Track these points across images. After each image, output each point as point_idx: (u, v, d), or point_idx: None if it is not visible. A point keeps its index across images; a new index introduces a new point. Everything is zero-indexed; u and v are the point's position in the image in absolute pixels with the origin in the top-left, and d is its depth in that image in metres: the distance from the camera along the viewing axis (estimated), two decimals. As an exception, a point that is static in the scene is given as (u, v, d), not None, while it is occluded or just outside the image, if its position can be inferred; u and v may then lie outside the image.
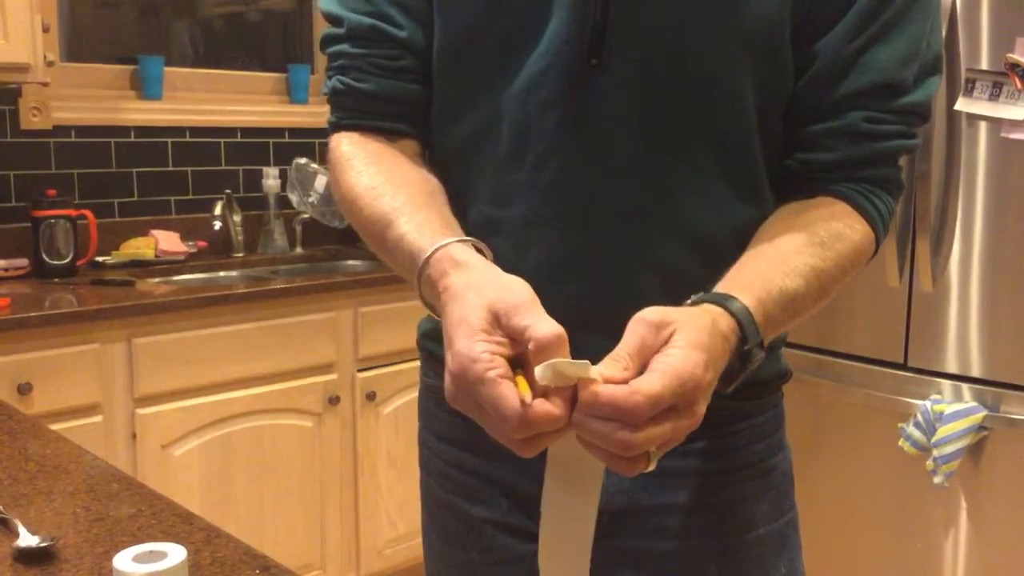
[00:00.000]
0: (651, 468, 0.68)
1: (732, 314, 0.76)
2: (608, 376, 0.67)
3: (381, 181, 0.90)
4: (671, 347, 0.69)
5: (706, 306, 0.77)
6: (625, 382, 0.67)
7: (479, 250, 0.80)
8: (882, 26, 0.87)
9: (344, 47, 0.96)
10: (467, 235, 0.91)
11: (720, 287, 0.81)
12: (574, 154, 0.89)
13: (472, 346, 0.69)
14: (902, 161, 0.96)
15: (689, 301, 0.78)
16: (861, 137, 0.89)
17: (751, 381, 0.96)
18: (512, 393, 0.67)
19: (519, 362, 0.70)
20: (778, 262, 0.83)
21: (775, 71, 0.89)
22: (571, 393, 0.67)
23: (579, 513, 0.76)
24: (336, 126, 0.99)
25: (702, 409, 0.70)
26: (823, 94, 0.89)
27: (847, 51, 0.88)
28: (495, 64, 0.91)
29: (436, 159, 0.98)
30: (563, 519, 0.77)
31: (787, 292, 0.81)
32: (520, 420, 0.66)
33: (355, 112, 0.97)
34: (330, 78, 0.98)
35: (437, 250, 0.78)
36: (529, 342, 0.68)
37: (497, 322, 0.70)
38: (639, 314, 0.72)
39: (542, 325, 0.69)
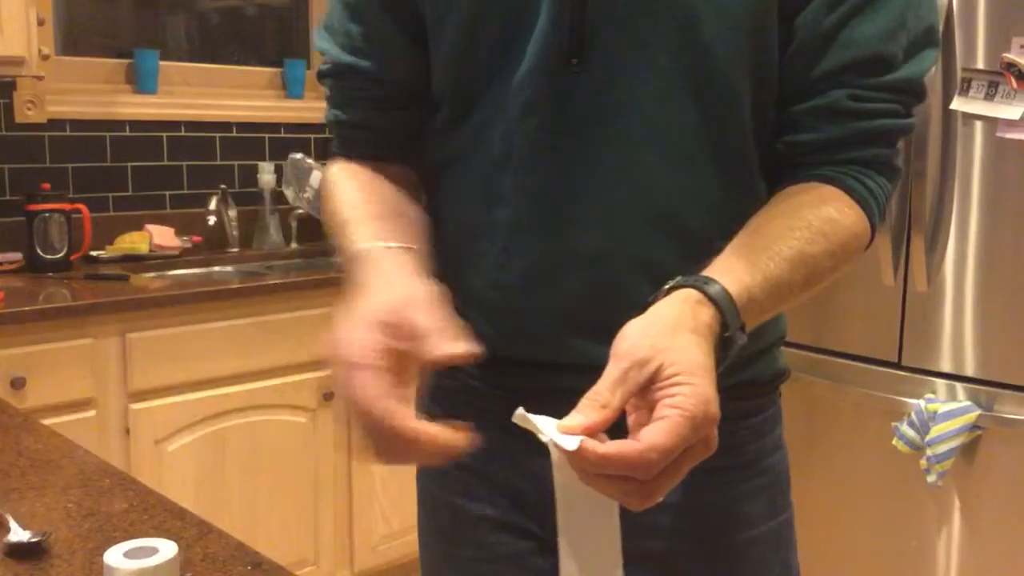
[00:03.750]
0: (660, 499, 0.67)
1: (709, 297, 0.73)
2: (585, 424, 0.66)
3: (352, 196, 0.95)
4: (675, 385, 0.66)
5: (683, 293, 0.74)
6: (607, 422, 0.66)
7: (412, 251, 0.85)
8: None
9: (330, 82, 1.01)
10: (458, 240, 0.93)
11: (702, 272, 0.78)
12: (558, 157, 0.88)
13: (352, 331, 0.74)
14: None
15: (666, 287, 0.76)
16: (845, 115, 0.87)
17: (751, 380, 0.96)
18: (376, 383, 0.71)
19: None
20: (762, 247, 0.80)
21: (767, 56, 0.87)
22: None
23: (602, 538, 0.73)
24: (332, 154, 1.04)
25: (716, 435, 0.68)
26: (804, 72, 0.87)
27: (824, 25, 0.86)
28: (486, 75, 0.91)
29: (431, 167, 0.99)
30: (585, 545, 0.75)
31: (771, 276, 0.78)
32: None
33: (345, 141, 1.02)
34: (327, 109, 1.04)
35: (365, 250, 0.84)
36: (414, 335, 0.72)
37: (386, 321, 0.74)
38: (619, 349, 0.69)
39: (424, 318, 0.73)
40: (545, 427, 0.66)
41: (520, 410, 0.66)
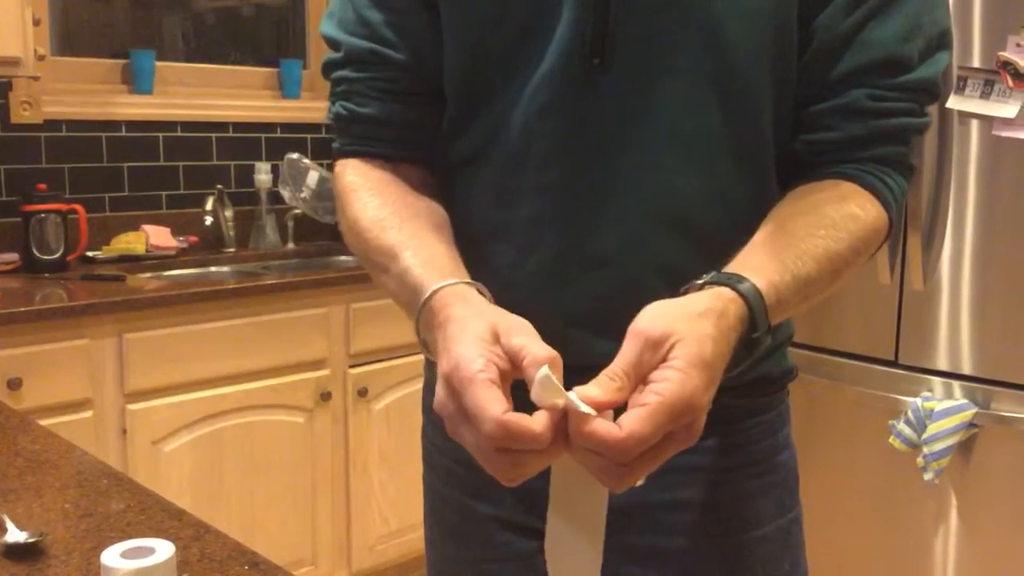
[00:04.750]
0: (639, 484, 0.69)
1: (742, 296, 0.74)
2: (600, 400, 0.66)
3: (388, 212, 0.90)
4: (668, 369, 0.67)
5: (717, 291, 0.74)
6: (620, 402, 0.67)
7: (481, 293, 0.80)
8: (879, 2, 0.86)
9: (345, 72, 0.95)
10: (471, 239, 0.91)
11: (730, 268, 0.79)
12: (577, 156, 0.88)
13: (471, 349, 0.69)
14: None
15: (700, 281, 0.76)
16: (864, 115, 0.88)
17: (760, 378, 0.96)
18: (498, 399, 0.66)
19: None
20: (789, 245, 0.81)
21: (787, 57, 0.88)
22: (557, 417, 0.66)
23: (587, 524, 0.75)
24: (340, 153, 0.98)
25: (700, 426, 0.69)
26: (823, 72, 0.88)
27: (844, 27, 0.87)
28: (503, 73, 0.90)
29: (445, 168, 0.97)
30: (571, 529, 0.76)
31: (800, 276, 0.79)
32: (498, 424, 0.65)
33: (359, 138, 0.97)
34: (333, 104, 0.98)
35: (445, 287, 0.78)
36: (523, 360, 0.69)
37: (496, 339, 0.71)
38: (639, 325, 0.70)
39: (539, 346, 0.69)
40: (564, 392, 0.67)
41: (545, 368, 0.67)
